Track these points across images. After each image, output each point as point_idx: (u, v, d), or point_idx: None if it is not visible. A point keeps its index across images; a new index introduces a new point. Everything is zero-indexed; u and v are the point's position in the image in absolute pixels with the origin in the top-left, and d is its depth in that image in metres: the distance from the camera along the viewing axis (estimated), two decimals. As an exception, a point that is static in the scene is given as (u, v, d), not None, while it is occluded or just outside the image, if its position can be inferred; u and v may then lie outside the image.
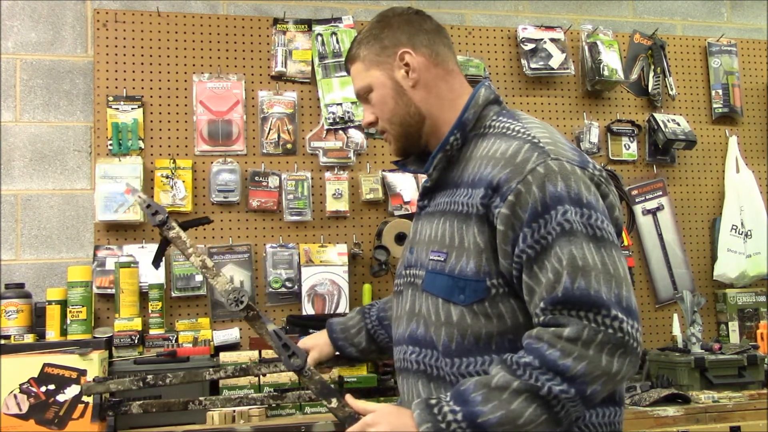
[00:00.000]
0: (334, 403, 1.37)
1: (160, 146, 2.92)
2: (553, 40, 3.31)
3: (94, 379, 1.33)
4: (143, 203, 1.56)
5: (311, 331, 2.82)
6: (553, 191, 1.25)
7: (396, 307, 1.52)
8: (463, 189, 1.36)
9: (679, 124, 3.38)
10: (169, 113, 2.94)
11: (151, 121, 2.92)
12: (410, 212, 3.01)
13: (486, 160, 1.33)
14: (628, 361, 1.23)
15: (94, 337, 2.55)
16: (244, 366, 1.49)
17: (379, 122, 1.51)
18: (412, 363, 1.41)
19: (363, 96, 1.52)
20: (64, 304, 2.58)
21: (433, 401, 1.26)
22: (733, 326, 3.30)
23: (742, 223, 3.38)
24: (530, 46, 3.29)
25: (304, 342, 1.78)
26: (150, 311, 2.69)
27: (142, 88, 2.93)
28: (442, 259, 1.34)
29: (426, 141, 1.49)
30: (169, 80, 2.96)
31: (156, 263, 1.60)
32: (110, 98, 2.88)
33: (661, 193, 3.38)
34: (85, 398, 2.30)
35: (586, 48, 3.35)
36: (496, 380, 1.23)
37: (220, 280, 1.40)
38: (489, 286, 1.30)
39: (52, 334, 2.55)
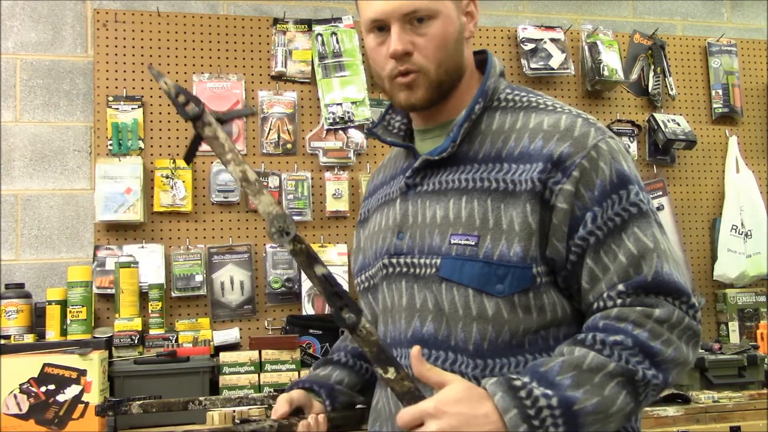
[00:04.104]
0: (392, 373, 1.09)
1: (160, 146, 2.92)
2: (553, 40, 3.31)
3: None
4: (171, 92, 1.18)
5: (311, 331, 2.84)
6: (620, 170, 1.16)
7: (374, 305, 1.33)
8: (491, 165, 1.20)
9: (679, 124, 3.38)
10: (169, 113, 2.94)
11: (151, 121, 2.92)
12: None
13: (530, 133, 1.20)
14: (696, 352, 1.16)
15: (94, 337, 2.55)
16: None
17: (418, 58, 1.23)
18: None
19: (415, 17, 1.22)
20: (64, 304, 2.58)
21: (517, 382, 1.06)
22: (733, 326, 3.30)
23: (742, 223, 3.38)
24: (530, 46, 3.28)
25: (287, 399, 1.31)
26: (150, 311, 2.69)
27: (142, 88, 2.93)
28: (473, 243, 1.17)
29: (444, 103, 1.29)
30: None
31: (188, 157, 1.25)
32: (110, 98, 2.88)
33: (661, 193, 3.38)
34: (85, 398, 2.30)
35: (586, 48, 3.34)
36: (589, 361, 1.07)
37: (264, 200, 1.14)
38: (534, 274, 1.15)
39: (52, 334, 2.55)
